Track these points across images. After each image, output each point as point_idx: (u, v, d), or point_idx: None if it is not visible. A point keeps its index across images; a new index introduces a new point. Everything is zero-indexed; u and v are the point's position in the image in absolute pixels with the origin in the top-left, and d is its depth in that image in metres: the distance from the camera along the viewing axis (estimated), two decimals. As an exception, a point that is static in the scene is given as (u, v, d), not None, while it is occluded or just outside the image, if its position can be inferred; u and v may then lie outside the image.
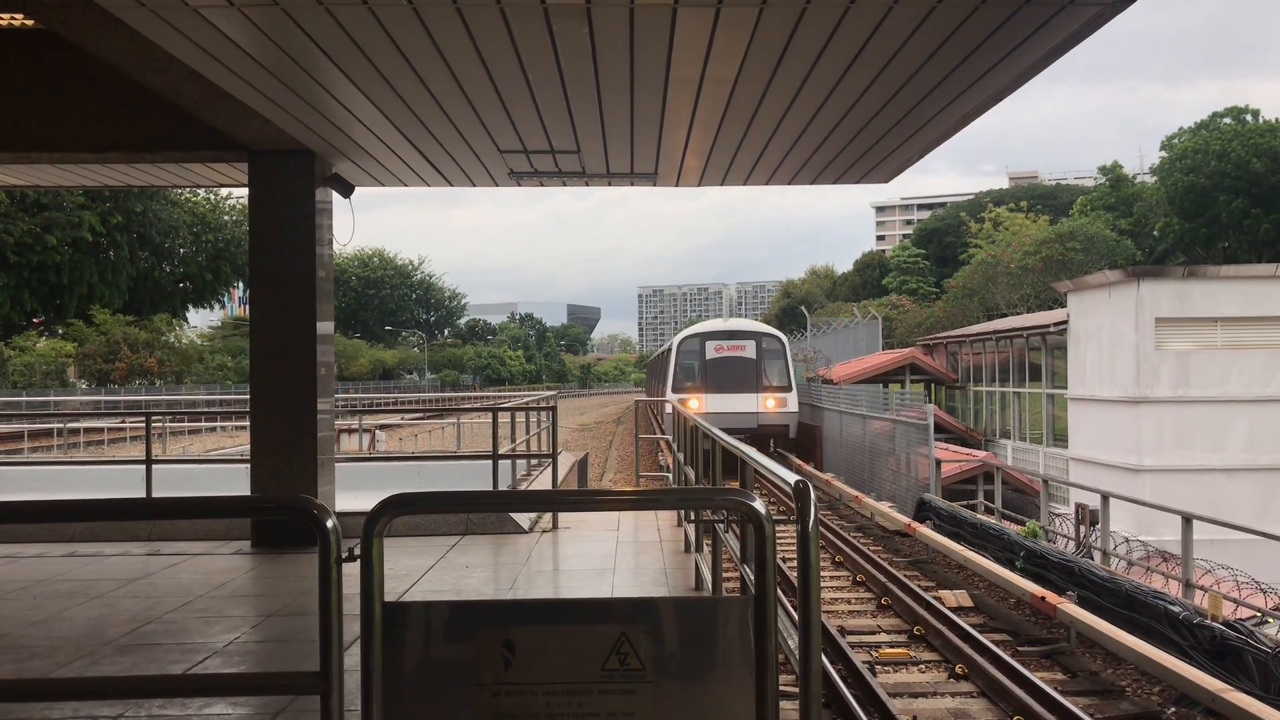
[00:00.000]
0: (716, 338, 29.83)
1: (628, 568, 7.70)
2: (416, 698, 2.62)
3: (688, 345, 30.24)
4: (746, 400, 28.58)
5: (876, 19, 5.43)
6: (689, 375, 29.51)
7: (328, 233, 9.21)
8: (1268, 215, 51.94)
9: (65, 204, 50.11)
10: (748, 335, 30.03)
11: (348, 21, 5.43)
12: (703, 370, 29.30)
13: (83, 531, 9.24)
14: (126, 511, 5.20)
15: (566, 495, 6.86)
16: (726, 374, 28.90)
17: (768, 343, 29.94)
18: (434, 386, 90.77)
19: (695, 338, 30.33)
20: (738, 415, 27.24)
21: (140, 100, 7.96)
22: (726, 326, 30.90)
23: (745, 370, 29.08)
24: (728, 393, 28.50)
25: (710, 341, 29.69)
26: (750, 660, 2.59)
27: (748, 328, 31.20)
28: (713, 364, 29.23)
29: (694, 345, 30.05)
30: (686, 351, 30.06)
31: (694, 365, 29.59)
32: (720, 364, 29.14)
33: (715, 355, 29.30)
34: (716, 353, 29.32)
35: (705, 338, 30.03)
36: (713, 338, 29.89)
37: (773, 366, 29.41)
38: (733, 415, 26.80)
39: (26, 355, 52.08)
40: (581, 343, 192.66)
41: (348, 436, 21.49)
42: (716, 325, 31.39)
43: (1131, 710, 8.79)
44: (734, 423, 24.85)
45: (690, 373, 29.55)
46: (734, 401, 28.22)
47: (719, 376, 28.92)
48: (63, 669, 5.26)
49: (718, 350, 29.37)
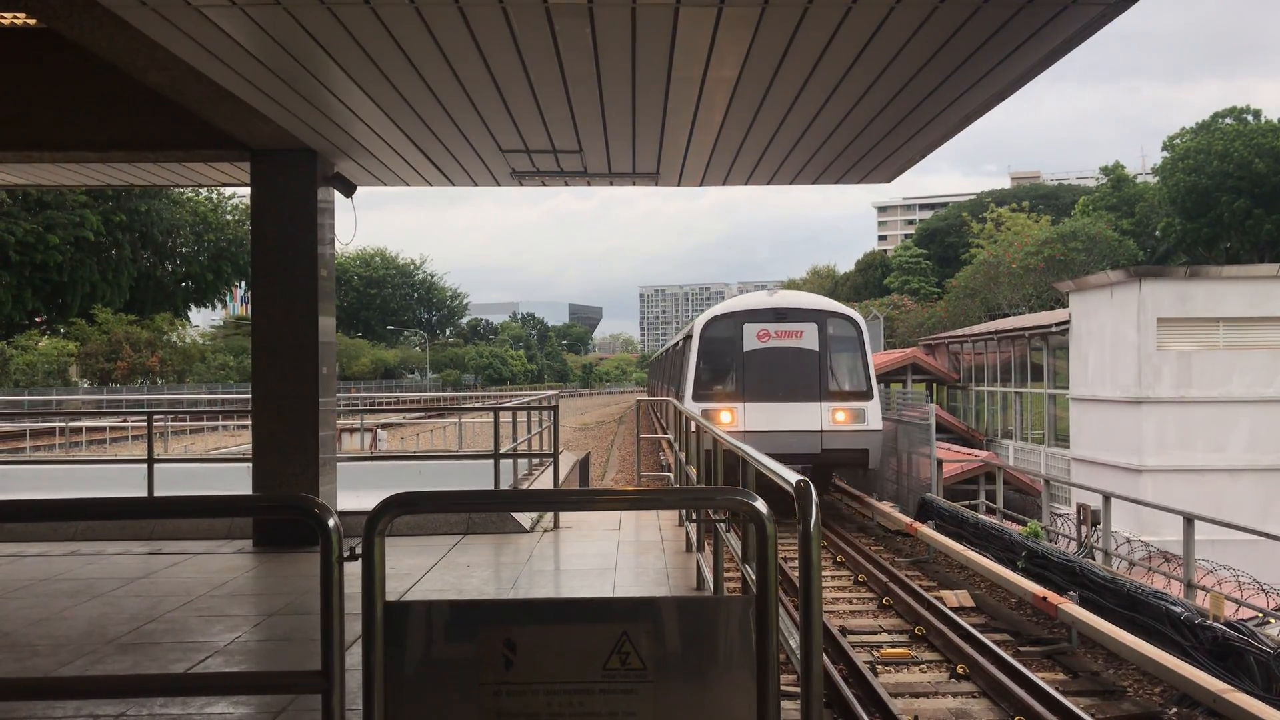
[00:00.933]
0: (760, 318, 19.74)
1: (629, 567, 7.70)
2: (418, 697, 2.62)
3: (716, 330, 20.03)
4: (805, 414, 18.97)
5: (879, 19, 5.43)
6: (717, 375, 19.79)
7: (329, 232, 9.21)
8: (1270, 216, 51.89)
9: (67, 203, 50.14)
10: (807, 315, 19.77)
11: (349, 20, 5.43)
12: (739, 368, 19.47)
13: (84, 530, 9.25)
14: (128, 511, 5.22)
15: (568, 495, 6.87)
16: (775, 374, 19.23)
17: (836, 326, 19.75)
18: (435, 386, 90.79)
19: (728, 319, 19.98)
20: (792, 436, 18.50)
21: (142, 99, 7.96)
22: (775, 302, 20.11)
23: (803, 368, 19.31)
24: (777, 401, 18.99)
25: (751, 325, 19.66)
26: (751, 660, 2.59)
27: (806, 304, 20.41)
28: (754, 359, 19.47)
29: (726, 330, 19.86)
30: (714, 340, 19.89)
31: (725, 360, 19.83)
32: (766, 359, 19.41)
33: (758, 345, 19.51)
34: (760, 341, 19.54)
35: (743, 319, 19.79)
36: (755, 318, 19.76)
37: (844, 362, 19.63)
38: (784, 436, 18.32)
39: (28, 354, 52.12)
40: (583, 342, 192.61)
41: (349, 436, 21.52)
42: (760, 300, 20.37)
43: (1133, 710, 8.78)
44: (786, 445, 17.69)
45: (719, 371, 19.83)
46: (786, 415, 18.88)
47: (764, 377, 19.21)
48: (64, 668, 5.27)
49: (762, 338, 19.60)
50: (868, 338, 19.84)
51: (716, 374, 19.74)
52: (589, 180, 9.64)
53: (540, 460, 13.77)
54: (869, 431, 18.94)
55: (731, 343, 19.55)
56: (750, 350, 19.42)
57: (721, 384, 19.57)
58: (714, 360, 19.77)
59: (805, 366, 19.28)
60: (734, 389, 19.30)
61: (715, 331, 19.93)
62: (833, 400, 18.97)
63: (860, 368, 19.45)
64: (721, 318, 20.11)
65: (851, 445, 18.87)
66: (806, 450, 18.48)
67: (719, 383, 19.60)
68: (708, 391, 19.37)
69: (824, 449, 18.70)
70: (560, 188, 10.14)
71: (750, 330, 19.52)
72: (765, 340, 19.51)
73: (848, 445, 18.83)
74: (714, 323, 20.07)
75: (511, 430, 12.68)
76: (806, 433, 18.76)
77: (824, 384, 19.13)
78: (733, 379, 19.42)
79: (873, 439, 18.98)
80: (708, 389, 19.46)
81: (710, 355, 19.76)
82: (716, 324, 20.02)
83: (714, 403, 18.97)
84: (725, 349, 19.67)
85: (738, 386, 19.26)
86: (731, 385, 19.40)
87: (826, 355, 19.38)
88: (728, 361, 19.65)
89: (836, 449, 18.78)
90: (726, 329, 19.78)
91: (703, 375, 19.66)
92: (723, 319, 20.04)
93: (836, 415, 18.89)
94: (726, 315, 20.07)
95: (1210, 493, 18.63)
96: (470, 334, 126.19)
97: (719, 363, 19.76)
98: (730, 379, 19.51)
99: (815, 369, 19.23)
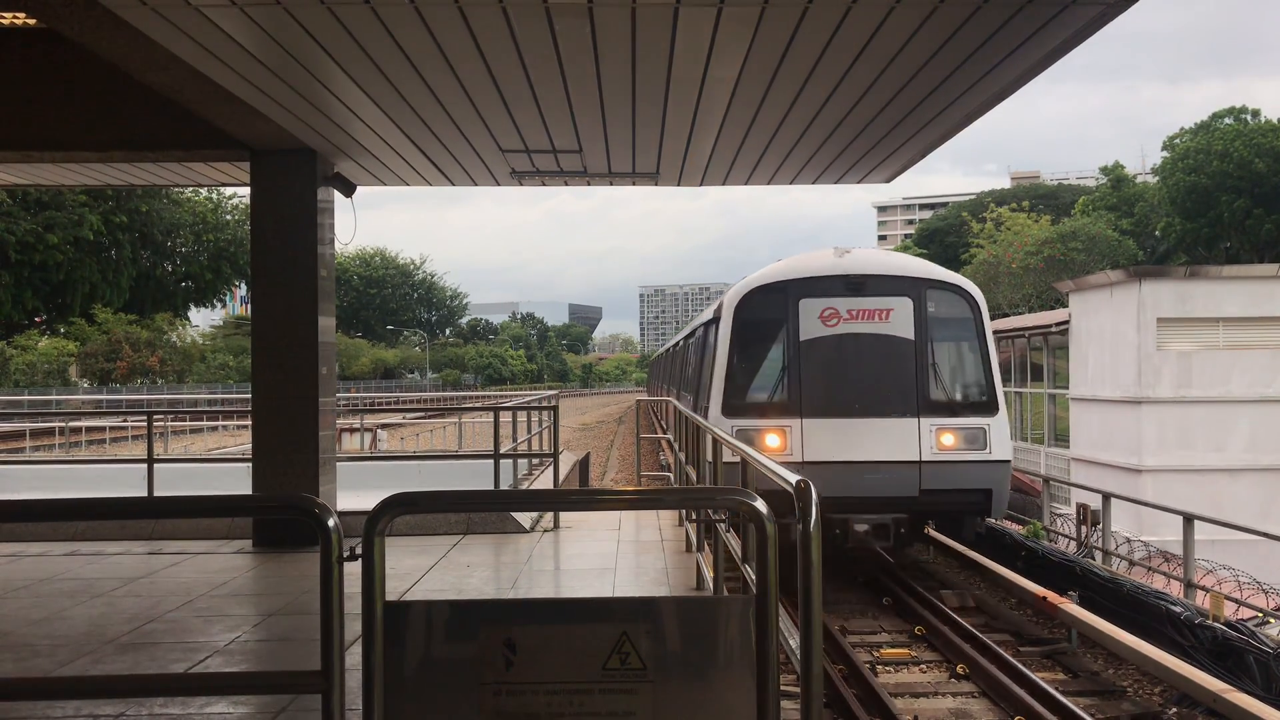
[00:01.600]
0: (824, 290, 13.05)
1: (629, 567, 7.70)
2: (418, 697, 2.62)
3: (757, 309, 13.33)
4: (895, 436, 12.57)
5: (879, 19, 5.43)
6: (759, 377, 13.29)
7: (329, 232, 9.21)
8: (1270, 215, 51.92)
9: (67, 203, 50.14)
10: (897, 286, 13.14)
11: (349, 20, 5.43)
12: (792, 366, 12.96)
13: (84, 530, 9.25)
14: (128, 510, 5.24)
15: (568, 494, 6.88)
16: (849, 375, 12.82)
17: (942, 301, 13.23)
18: (435, 386, 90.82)
19: (775, 293, 13.24)
20: (875, 472, 12.30)
21: (142, 99, 7.96)
22: (847, 266, 13.24)
23: (892, 366, 12.88)
24: (852, 417, 12.60)
25: (811, 301, 13.02)
26: (751, 660, 2.60)
27: (895, 268, 13.55)
28: (816, 352, 12.91)
29: (771, 309, 13.23)
30: (754, 324, 13.34)
31: (771, 354, 13.41)
32: (834, 352, 12.89)
33: (822, 332, 12.97)
34: (825, 326, 12.99)
35: (799, 291, 13.12)
36: (816, 290, 13.08)
37: (954, 356, 13.21)
38: (862, 472, 12.25)
39: (28, 354, 52.13)
40: (583, 342, 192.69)
41: (349, 436, 21.51)
42: (824, 264, 13.42)
43: (1133, 710, 8.78)
44: (866, 485, 12.09)
45: (762, 371, 13.40)
46: (866, 439, 12.52)
47: (831, 381, 12.75)
48: (64, 668, 5.27)
49: (827, 321, 12.99)
50: (988, 320, 13.02)
51: (757, 376, 13.05)
52: (589, 180, 9.65)
53: (540, 460, 13.77)
54: (992, 463, 12.28)
55: (780, 328, 12.76)
56: (810, 339, 12.59)
57: (765, 390, 12.79)
58: (753, 354, 13.10)
59: (895, 364, 12.50)
60: (785, 398, 12.46)
61: (755, 311, 12.95)
62: (937, 415, 12.28)
63: (979, 365, 12.81)
64: (765, 290, 12.93)
65: (966, 483, 12.18)
66: (897, 492, 11.97)
67: (762, 389, 12.84)
68: (744, 402, 12.62)
69: (924, 490, 12.04)
70: (560, 188, 10.14)
71: (810, 309, 12.65)
72: (832, 324, 12.64)
73: (960, 483, 12.14)
74: (754, 297, 13.00)
75: (511, 430, 12.68)
76: (897, 465, 12.08)
77: (924, 390, 12.34)
78: (783, 383, 12.56)
79: (997, 474, 12.33)
80: (744, 398, 12.69)
81: (748, 347, 13.01)
82: (758, 299, 12.98)
83: (753, 418, 12.33)
84: (771, 337, 12.99)
85: (790, 394, 12.40)
86: (781, 393, 12.55)
87: (927, 346, 12.58)
88: (775, 356, 12.91)
89: (943, 490, 12.14)
90: (772, 307, 12.86)
91: (737, 377, 12.82)
92: (767, 292, 12.91)
93: (943, 438, 12.22)
94: (773, 286, 12.89)
95: (1210, 493, 18.63)
96: (470, 334, 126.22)
97: (761, 358, 13.11)
98: (779, 383, 12.65)
99: (911, 368, 12.41)
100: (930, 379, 12.62)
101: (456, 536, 9.07)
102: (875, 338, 12.68)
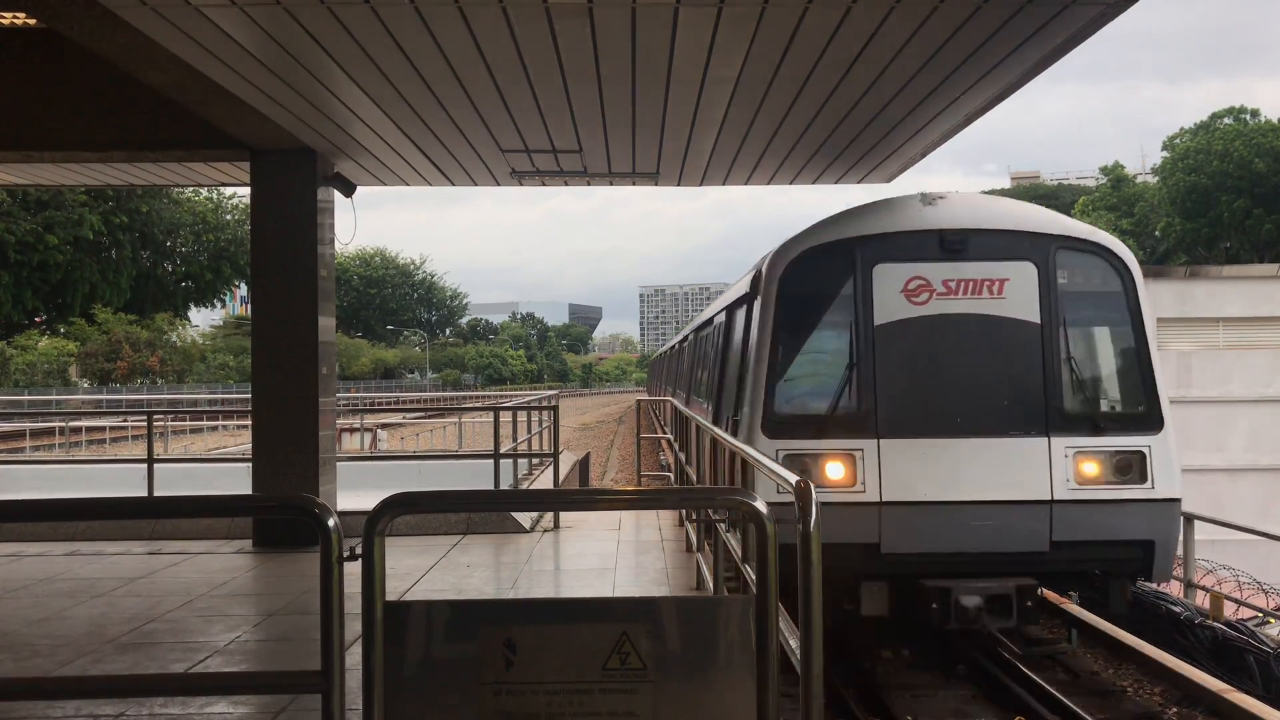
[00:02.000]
0: (908, 251, 8.21)
1: (629, 567, 7.70)
2: (418, 697, 2.62)
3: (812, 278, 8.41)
4: (1014, 464, 7.96)
5: (879, 18, 5.43)
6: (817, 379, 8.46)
7: (329, 232, 9.21)
8: (1270, 215, 51.94)
9: (67, 203, 50.14)
10: (1015, 243, 8.26)
11: (349, 20, 5.43)
12: (865, 360, 8.09)
13: (84, 530, 9.25)
14: (128, 510, 5.23)
15: (568, 495, 6.88)
16: (946, 374, 8.09)
17: (1078, 269, 8.45)
18: (435, 386, 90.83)
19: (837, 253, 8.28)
20: (986, 514, 7.87)
21: (142, 99, 7.97)
22: (940, 218, 8.26)
23: (1007, 360, 8.16)
24: (950, 436, 7.93)
25: (890, 266, 8.18)
26: (751, 660, 2.60)
27: (1009, 219, 8.44)
28: (899, 338, 8.12)
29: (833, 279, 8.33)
30: (807, 301, 8.54)
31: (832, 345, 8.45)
32: (926, 340, 8.14)
33: (910, 312, 8.13)
34: (913, 304, 8.13)
35: (873, 252, 8.21)
36: (897, 251, 8.21)
37: (1095, 345, 8.72)
38: (969, 515, 7.85)
39: (28, 354, 52.14)
40: (583, 342, 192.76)
41: (349, 436, 21.50)
42: (907, 215, 8.32)
43: (1133, 711, 8.78)
44: (978, 537, 7.89)
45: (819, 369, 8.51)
46: (971, 469, 7.90)
47: (923, 383, 8.10)
48: (64, 668, 5.27)
49: (916, 297, 8.13)
50: (1145, 294, 8.68)
51: (812, 377, 8.66)
52: (589, 180, 9.65)
53: (540, 460, 13.77)
54: (1156, 502, 8.36)
55: (845, 307, 8.45)
56: (889, 324, 8.27)
57: (824, 398, 8.34)
58: (806, 346, 8.87)
59: (1013, 359, 8.33)
60: (853, 410, 8.18)
61: (809, 282, 8.54)
62: (1076, 433, 8.24)
63: (1135, 360, 8.71)
64: (823, 252, 8.49)
65: (1118, 532, 8.27)
66: (1019, 546, 8.08)
67: (819, 396, 8.40)
68: (793, 415, 8.30)
69: (1057, 542, 8.13)
70: (560, 188, 10.14)
71: (889, 280, 8.31)
72: (921, 301, 8.31)
73: (1110, 532, 8.22)
74: (806, 263, 8.50)
75: (511, 430, 12.68)
76: (1019, 508, 8.11)
77: (1056, 397, 8.24)
78: (850, 388, 8.24)
79: (1163, 519, 8.39)
80: (793, 409, 8.38)
81: (798, 335, 8.73)
82: (812, 266, 8.51)
83: (807, 439, 8.08)
84: (831, 321, 8.66)
85: (861, 404, 8.17)
86: (848, 402, 8.24)
87: (1059, 332, 8.39)
88: (837, 349, 8.48)
89: (1085, 542, 8.21)
90: (834, 277, 8.46)
91: (782, 379, 8.47)
92: (826, 255, 8.47)
93: (1084, 467, 8.22)
94: (834, 247, 8.45)
95: (1210, 493, 18.63)
96: (470, 334, 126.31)
97: (819, 351, 8.80)
98: (844, 388, 8.27)
99: (1036, 364, 8.30)
100: (1065, 380, 8.27)
101: (456, 536, 9.07)
102: (984, 321, 8.15)
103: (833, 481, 7.86)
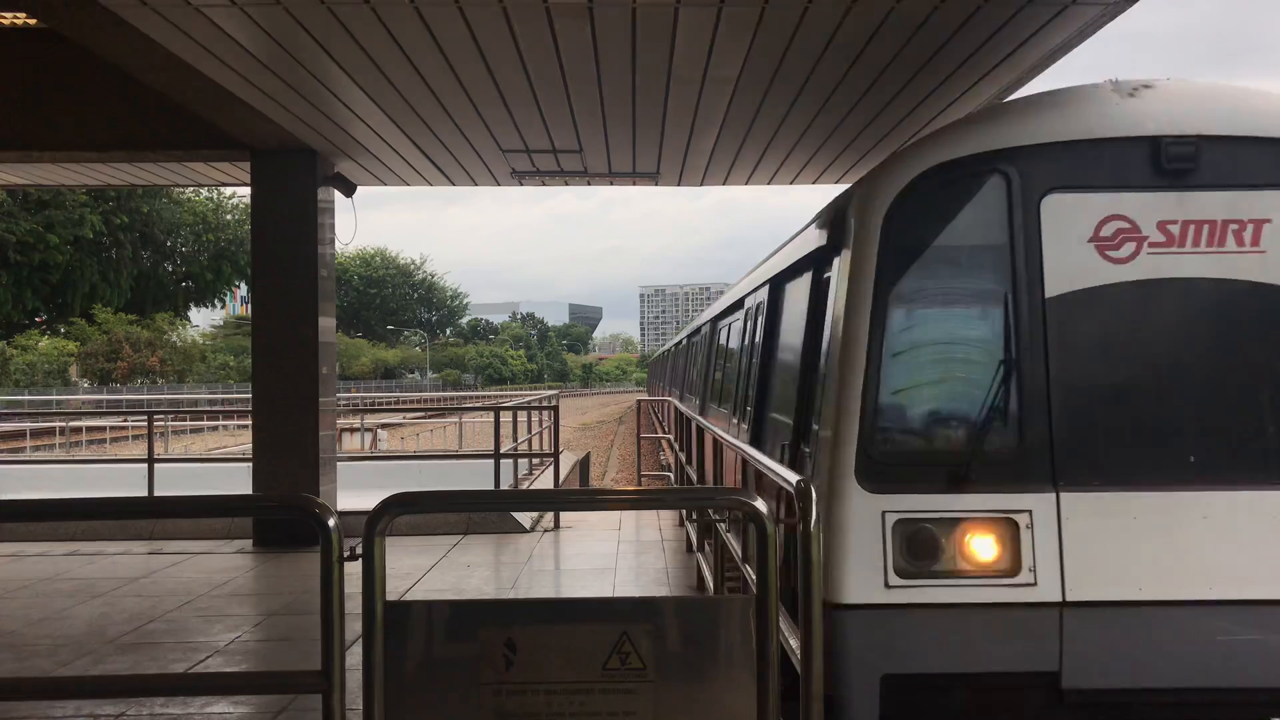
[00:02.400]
0: (1105, 173, 3.75)
1: (629, 567, 7.70)
2: (418, 697, 2.62)
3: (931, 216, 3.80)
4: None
5: (878, 20, 5.43)
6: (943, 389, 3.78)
7: (330, 232, 9.22)
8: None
9: (67, 203, 50.12)
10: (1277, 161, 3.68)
11: (350, 20, 5.43)
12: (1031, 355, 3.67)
13: (85, 530, 9.25)
14: (128, 510, 5.23)
15: (568, 494, 6.88)
16: (1171, 380, 3.72)
17: None
18: (436, 386, 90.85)
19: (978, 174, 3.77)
20: (1242, 619, 3.45)
21: (143, 99, 7.97)
22: (1152, 116, 3.78)
23: (1265, 356, 3.73)
24: (1182, 484, 3.63)
25: (1075, 199, 3.74)
26: (751, 660, 2.59)
27: (1267, 121, 3.74)
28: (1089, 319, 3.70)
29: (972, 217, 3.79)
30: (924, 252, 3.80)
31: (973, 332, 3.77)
32: (1135, 321, 3.69)
33: (1106, 275, 3.70)
34: (1109, 260, 3.70)
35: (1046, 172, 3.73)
36: (1087, 173, 3.74)
37: None
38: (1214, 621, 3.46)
39: (29, 354, 52.15)
40: (583, 342, 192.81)
41: (349, 435, 21.52)
42: (1100, 111, 3.83)
43: (1133, 710, 8.77)
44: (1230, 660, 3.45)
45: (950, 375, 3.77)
46: (1219, 538, 3.54)
47: (1131, 395, 3.72)
48: (65, 667, 5.27)
49: (1115, 249, 3.70)
50: None
51: (939, 385, 3.87)
52: (589, 180, 9.65)
53: (540, 460, 13.77)
54: None
55: (995, 262, 3.81)
56: (1071, 293, 3.78)
57: (960, 423, 3.77)
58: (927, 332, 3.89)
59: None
60: (1011, 439, 3.71)
61: (934, 221, 3.89)
62: None
63: None
64: (954, 170, 3.84)
65: None
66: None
67: (951, 420, 3.81)
68: (907, 450, 3.82)
69: None
70: (560, 187, 10.14)
71: (1069, 218, 3.81)
72: (1124, 256, 3.77)
73: None
74: (927, 190, 3.84)
75: (512, 430, 12.68)
76: None
77: None
78: (1006, 405, 3.72)
79: None
80: (908, 441, 3.84)
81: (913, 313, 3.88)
82: (937, 193, 3.85)
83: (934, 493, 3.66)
84: (971, 284, 3.88)
85: (1025, 429, 3.71)
86: (1002, 426, 3.72)
87: None
88: (982, 338, 3.82)
89: None
90: (975, 211, 3.86)
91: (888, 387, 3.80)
92: (960, 176, 3.84)
93: None
94: (975, 163, 3.82)
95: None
96: (470, 334, 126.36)
97: (949, 341, 3.88)
98: (994, 404, 3.69)
99: None
100: None
101: (456, 536, 9.07)
102: (1230, 290, 3.94)
103: (979, 565, 3.80)
